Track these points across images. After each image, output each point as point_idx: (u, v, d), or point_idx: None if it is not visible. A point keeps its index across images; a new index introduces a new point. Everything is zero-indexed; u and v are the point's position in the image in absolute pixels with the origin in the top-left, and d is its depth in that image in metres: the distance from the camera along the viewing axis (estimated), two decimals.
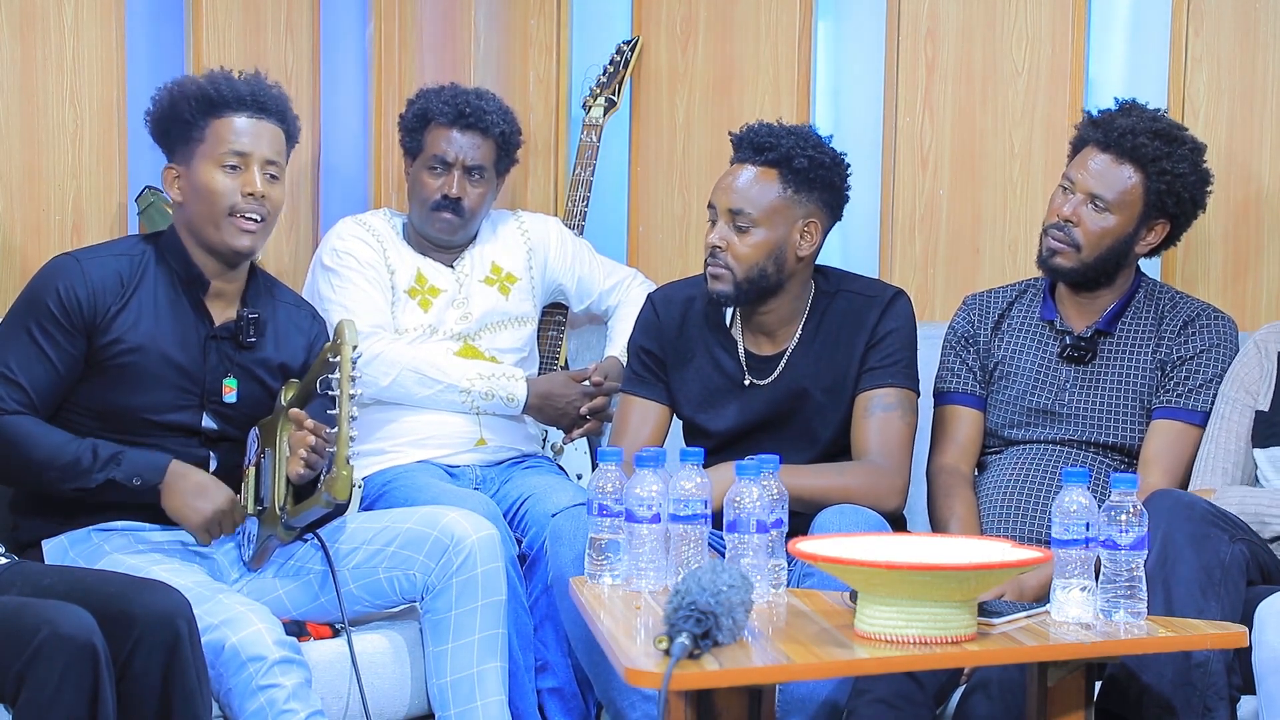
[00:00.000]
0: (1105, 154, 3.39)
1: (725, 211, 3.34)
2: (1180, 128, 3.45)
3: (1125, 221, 3.39)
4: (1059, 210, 3.41)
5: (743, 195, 3.33)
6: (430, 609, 3.23)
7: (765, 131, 3.36)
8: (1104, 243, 3.40)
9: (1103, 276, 3.44)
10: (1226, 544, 2.93)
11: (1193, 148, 3.42)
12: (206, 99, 3.15)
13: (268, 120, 3.17)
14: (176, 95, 3.18)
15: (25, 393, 3.06)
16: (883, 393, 3.37)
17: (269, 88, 3.21)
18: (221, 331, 3.19)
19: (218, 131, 3.14)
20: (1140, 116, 3.41)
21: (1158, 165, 3.36)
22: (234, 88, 3.16)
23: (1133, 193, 3.38)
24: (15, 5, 3.58)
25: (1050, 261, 3.43)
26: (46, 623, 2.64)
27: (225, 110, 3.14)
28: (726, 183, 3.37)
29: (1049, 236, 3.42)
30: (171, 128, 3.18)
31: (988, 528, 3.36)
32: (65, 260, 3.14)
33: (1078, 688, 2.67)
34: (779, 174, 3.34)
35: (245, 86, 3.17)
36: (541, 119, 4.55)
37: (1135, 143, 3.36)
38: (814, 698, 3.07)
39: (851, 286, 3.46)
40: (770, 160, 3.34)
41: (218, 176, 3.13)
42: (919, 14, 4.14)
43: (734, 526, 2.76)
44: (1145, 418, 3.42)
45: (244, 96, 3.15)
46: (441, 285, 3.88)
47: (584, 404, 3.86)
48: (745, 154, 3.36)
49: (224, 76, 3.19)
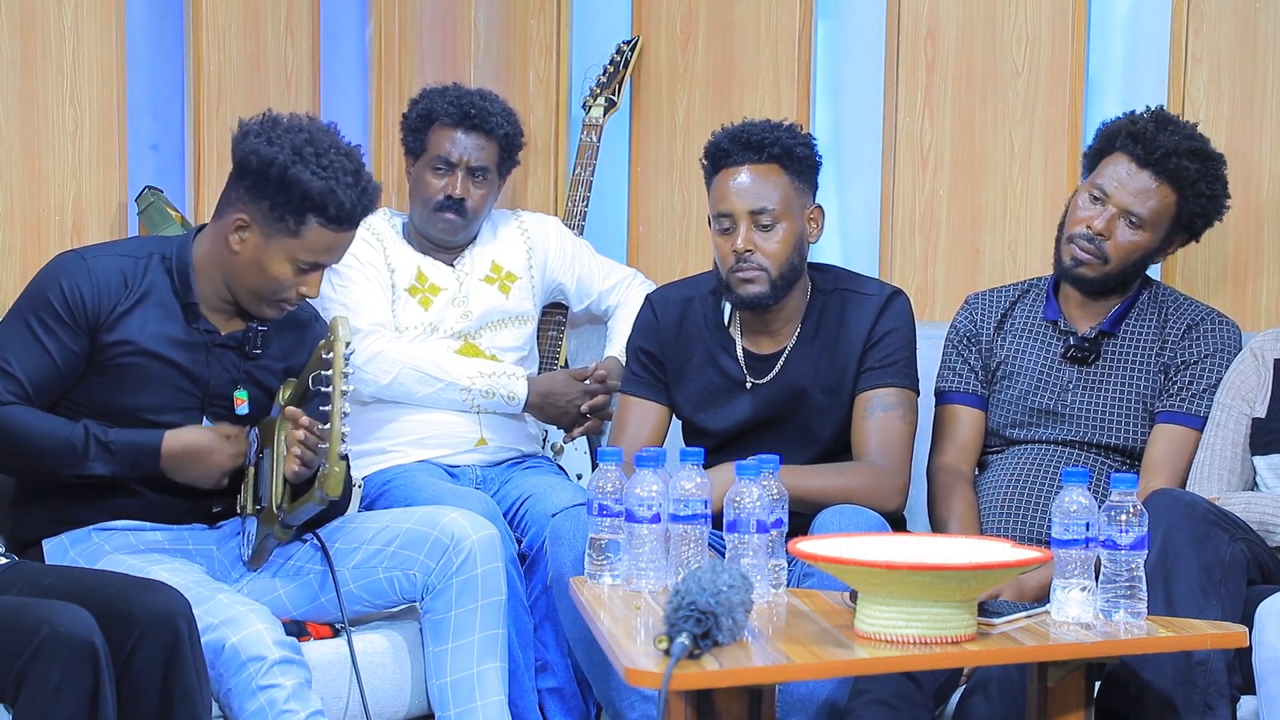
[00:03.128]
0: (1144, 171, 3.36)
1: (745, 214, 3.32)
2: (1209, 144, 3.44)
3: (1154, 238, 3.40)
4: (1089, 221, 3.38)
5: (759, 194, 3.33)
6: (430, 609, 3.23)
7: (754, 130, 3.35)
8: (1132, 257, 3.40)
9: (1121, 286, 3.45)
10: (1227, 543, 2.93)
11: (1220, 164, 3.43)
12: (314, 203, 3.03)
13: (349, 231, 3.09)
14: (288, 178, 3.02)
15: (21, 385, 3.06)
16: (883, 392, 3.37)
17: (370, 201, 3.09)
18: (228, 340, 3.18)
19: (311, 241, 3.06)
20: (1178, 134, 3.38)
21: (1195, 188, 3.37)
22: (341, 208, 3.04)
23: (1167, 212, 3.39)
24: (15, 5, 3.58)
25: (1075, 271, 3.41)
26: (46, 622, 2.64)
27: (326, 222, 3.05)
28: (736, 187, 3.34)
29: (1075, 246, 3.40)
30: (277, 201, 3.04)
31: (988, 527, 3.36)
32: (71, 258, 3.13)
33: (1078, 688, 2.67)
34: (782, 167, 3.34)
35: (348, 204, 3.04)
36: (541, 119, 4.55)
37: (1178, 165, 3.35)
38: (814, 698, 3.07)
39: (849, 285, 3.46)
40: (773, 155, 3.33)
41: (287, 271, 3.07)
42: (919, 14, 4.14)
43: (734, 526, 2.76)
44: (1147, 420, 3.42)
45: (353, 215, 3.07)
46: (442, 284, 3.88)
47: (584, 403, 3.86)
48: (742, 156, 3.35)
49: (339, 192, 3.03)
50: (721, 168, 3.37)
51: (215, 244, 3.13)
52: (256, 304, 3.13)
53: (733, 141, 3.35)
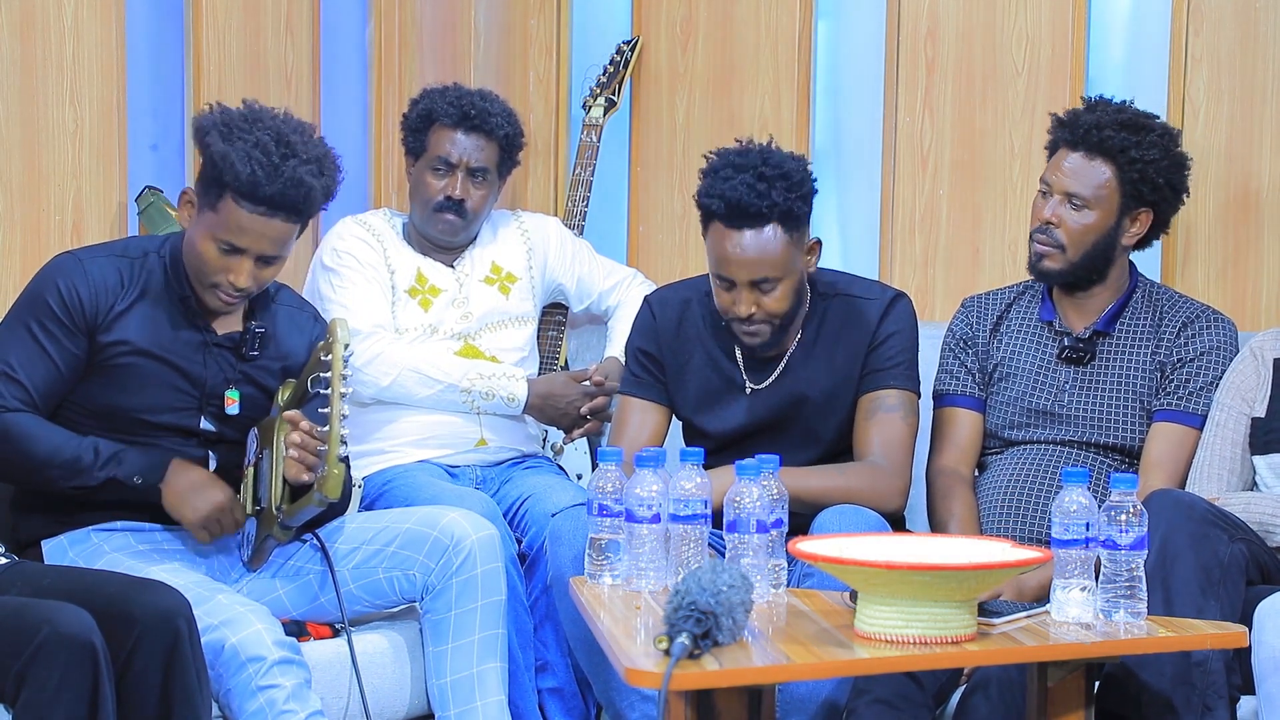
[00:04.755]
0: (1075, 152, 3.41)
1: (747, 283, 3.28)
2: (1148, 116, 3.46)
3: (1105, 216, 3.40)
4: (1039, 214, 3.44)
5: (759, 264, 3.25)
6: (430, 609, 3.23)
7: (751, 195, 3.21)
8: (1087, 239, 3.41)
9: (1094, 274, 3.45)
10: (1226, 544, 2.93)
11: (1162, 133, 3.43)
12: (240, 184, 3.02)
13: (279, 219, 3.04)
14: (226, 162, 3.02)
15: (26, 391, 3.06)
16: (885, 394, 3.37)
17: (306, 188, 3.04)
18: (225, 341, 3.18)
19: (225, 217, 3.03)
20: (1105, 110, 3.43)
21: (1127, 155, 3.37)
22: (257, 188, 3.01)
23: (1107, 186, 3.39)
24: (15, 5, 3.58)
25: (1039, 266, 3.45)
26: (46, 622, 2.64)
27: (245, 202, 3.02)
28: (736, 256, 3.25)
29: (1034, 241, 3.45)
30: (205, 167, 3.06)
31: (988, 528, 3.36)
32: (67, 259, 3.13)
33: (1078, 688, 2.67)
34: (780, 226, 3.25)
35: (272, 187, 3.01)
36: (541, 119, 4.55)
37: (1101, 136, 3.38)
38: (814, 698, 3.07)
39: (850, 290, 3.45)
40: (774, 218, 3.24)
41: (212, 249, 3.05)
42: (919, 14, 4.14)
43: (734, 526, 2.76)
44: (1145, 418, 3.42)
45: (264, 197, 3.02)
46: (442, 285, 3.88)
47: (584, 404, 3.86)
48: (738, 221, 3.24)
49: (260, 173, 3.01)
50: (718, 225, 3.28)
51: (184, 240, 3.15)
52: (198, 288, 3.10)
53: (729, 209, 3.23)
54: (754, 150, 3.30)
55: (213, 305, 3.12)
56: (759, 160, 3.26)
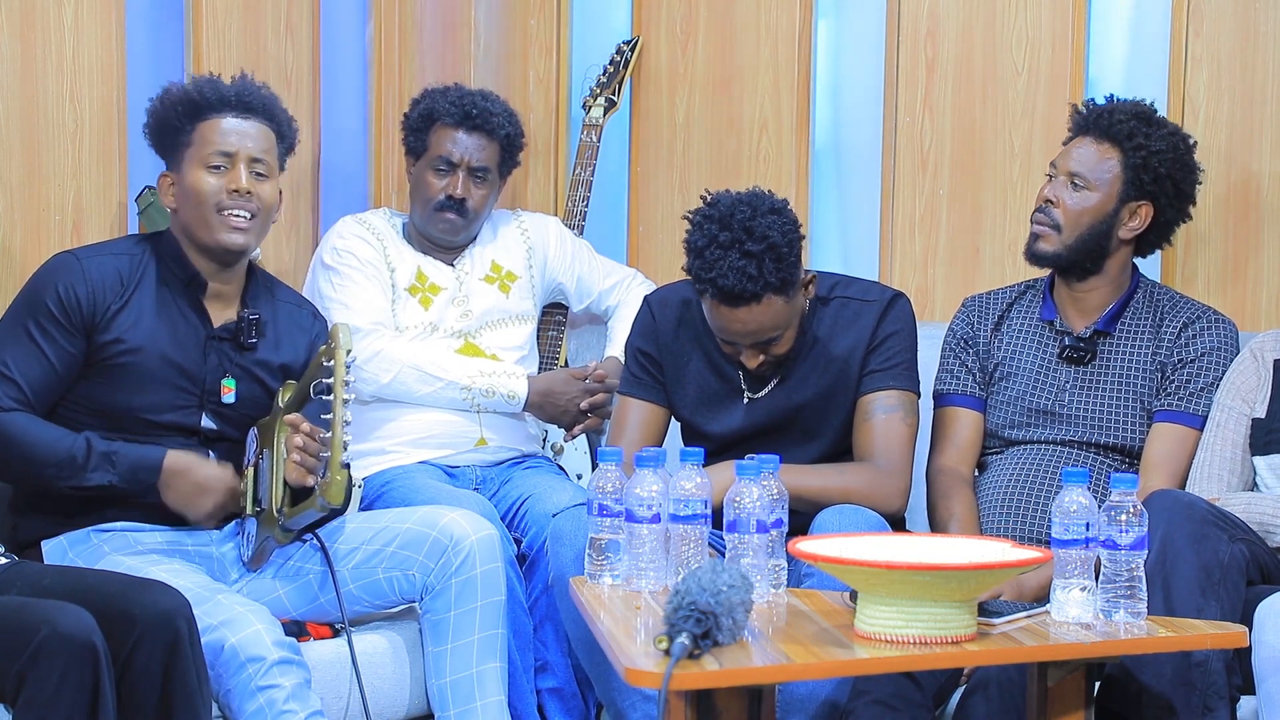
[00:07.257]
0: (1085, 136, 3.44)
1: (751, 346, 3.28)
2: (1166, 119, 3.47)
3: (1104, 200, 3.41)
4: (1041, 194, 3.47)
5: (762, 329, 3.24)
6: (429, 609, 3.23)
7: (742, 279, 3.13)
8: (1083, 221, 3.41)
9: (1088, 261, 3.44)
10: (1226, 544, 2.93)
11: (1173, 132, 3.45)
12: (192, 103, 3.18)
13: (254, 120, 3.20)
14: (165, 103, 3.22)
15: (21, 390, 3.06)
16: (885, 395, 3.37)
17: (256, 88, 3.24)
18: (221, 332, 3.19)
19: (204, 134, 3.17)
20: (1123, 104, 3.47)
21: (1133, 141, 3.39)
22: (218, 90, 3.19)
23: (1110, 170, 3.41)
24: (15, 5, 3.58)
25: (1034, 247, 3.46)
26: (46, 622, 2.64)
27: (210, 113, 3.17)
28: (736, 327, 3.22)
29: (1032, 222, 3.47)
30: (164, 135, 3.22)
31: (987, 528, 3.36)
32: (65, 258, 3.14)
33: (1078, 688, 2.67)
34: (775, 294, 3.20)
35: (230, 88, 3.20)
36: (541, 119, 4.54)
37: (1111, 120, 3.41)
38: (814, 698, 3.07)
39: (848, 292, 3.44)
40: (769, 292, 3.18)
41: (204, 177, 3.15)
42: (919, 14, 4.14)
43: (734, 526, 2.76)
44: (1145, 418, 3.42)
45: (229, 98, 3.19)
46: (442, 283, 3.88)
47: (584, 401, 3.86)
48: (733, 301, 3.18)
49: (210, 81, 3.22)
50: (712, 301, 3.22)
51: (172, 219, 3.23)
52: (211, 232, 3.14)
53: (722, 293, 3.16)
54: (736, 220, 3.15)
55: (229, 240, 3.15)
56: (743, 234, 3.14)
